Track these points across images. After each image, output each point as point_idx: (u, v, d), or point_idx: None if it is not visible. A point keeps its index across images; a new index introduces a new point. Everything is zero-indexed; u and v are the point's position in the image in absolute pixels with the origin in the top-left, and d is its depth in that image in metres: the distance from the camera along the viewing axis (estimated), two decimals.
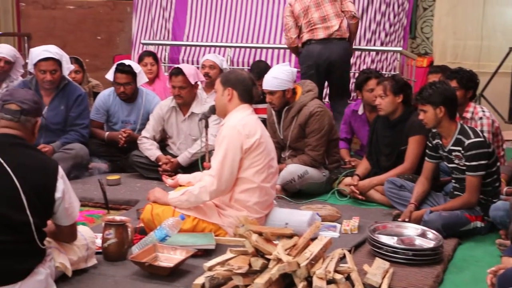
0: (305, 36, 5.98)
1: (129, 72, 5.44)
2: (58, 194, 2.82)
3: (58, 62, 5.17)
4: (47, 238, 2.91)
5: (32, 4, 8.74)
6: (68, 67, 5.32)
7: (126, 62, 5.57)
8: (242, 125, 3.65)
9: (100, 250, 3.35)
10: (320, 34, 5.92)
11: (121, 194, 4.76)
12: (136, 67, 5.54)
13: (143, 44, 7.87)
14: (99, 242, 3.38)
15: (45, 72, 5.13)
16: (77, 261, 3.10)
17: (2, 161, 2.73)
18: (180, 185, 3.99)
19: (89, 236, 3.22)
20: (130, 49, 8.56)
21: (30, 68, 5.28)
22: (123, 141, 5.41)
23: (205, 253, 3.39)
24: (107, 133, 5.59)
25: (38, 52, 5.19)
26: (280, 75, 4.76)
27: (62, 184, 2.84)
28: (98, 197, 4.62)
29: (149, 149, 5.26)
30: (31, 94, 3.02)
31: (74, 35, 8.54)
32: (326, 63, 5.90)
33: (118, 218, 3.50)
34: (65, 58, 5.27)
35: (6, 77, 5.83)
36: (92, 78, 6.74)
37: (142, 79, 5.56)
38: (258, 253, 3.03)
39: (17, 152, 2.81)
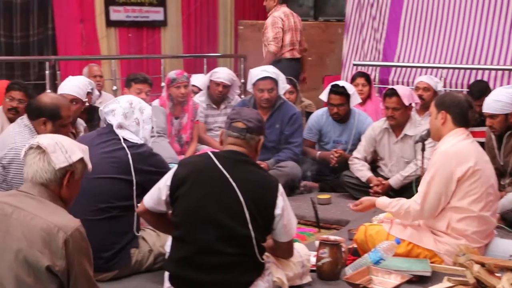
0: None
1: (343, 93, 5.49)
2: (278, 211, 2.89)
3: (275, 81, 5.38)
4: (266, 253, 3.00)
5: (249, 27, 9.18)
6: (283, 87, 5.50)
7: (340, 83, 5.62)
8: (453, 152, 3.50)
9: (314, 268, 3.39)
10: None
11: (331, 214, 4.80)
12: (350, 88, 5.57)
13: (355, 65, 7.90)
14: (313, 260, 3.42)
15: (262, 90, 5.36)
16: (292, 277, 3.16)
17: (228, 176, 2.88)
18: None
19: (304, 254, 3.28)
20: (340, 69, 8.63)
21: (249, 88, 5.54)
22: (335, 161, 5.47)
23: (420, 280, 3.29)
24: (319, 152, 5.68)
25: (257, 72, 5.45)
26: (502, 97, 4.51)
27: (282, 201, 2.92)
28: (309, 215, 4.70)
29: (360, 170, 5.24)
30: (256, 113, 3.14)
31: None
32: None
33: (332, 237, 3.53)
34: (281, 78, 5.46)
35: (225, 99, 6.17)
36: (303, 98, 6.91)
37: (355, 100, 5.59)
38: (480, 284, 2.88)
39: (242, 168, 2.93)
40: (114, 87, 7.44)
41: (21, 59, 8.01)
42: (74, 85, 4.82)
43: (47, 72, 6.91)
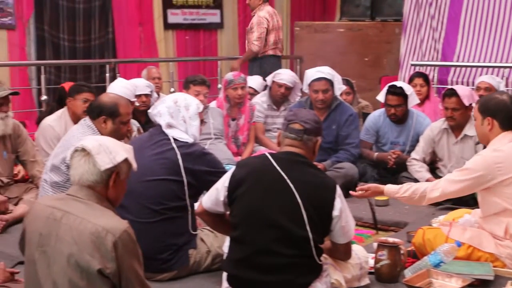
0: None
1: (401, 94, 5.42)
2: (335, 212, 2.88)
3: (330, 82, 5.35)
4: (324, 255, 2.99)
5: (305, 29, 9.16)
6: (339, 88, 5.47)
7: (398, 84, 5.56)
8: (495, 157, 3.38)
9: (372, 270, 3.36)
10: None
11: (389, 215, 4.75)
12: (408, 89, 5.49)
13: (413, 65, 7.80)
14: (371, 262, 3.39)
15: (317, 91, 5.34)
16: (350, 279, 3.14)
17: (286, 177, 2.88)
18: None
19: (362, 255, 3.25)
20: (397, 70, 8.54)
21: (305, 88, 5.53)
22: (392, 162, 5.40)
23: (482, 284, 3.22)
24: (376, 153, 5.62)
25: (312, 73, 5.44)
26: None
27: (340, 203, 2.90)
28: (367, 217, 4.65)
29: (419, 171, 5.16)
30: (313, 114, 3.12)
31: (343, 57, 8.74)
32: None
33: (391, 239, 3.49)
34: (336, 79, 5.42)
35: (285, 101, 6.18)
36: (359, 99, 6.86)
37: (413, 100, 5.51)
38: None
39: (299, 169, 2.93)
40: (172, 89, 7.55)
41: (83, 63, 8.22)
42: (121, 86, 4.92)
43: (107, 74, 7.07)
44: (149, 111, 3.73)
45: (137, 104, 5.24)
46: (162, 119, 3.53)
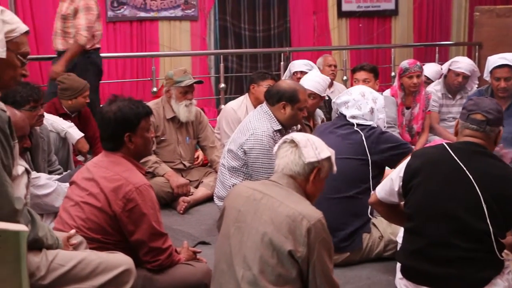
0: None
1: None
2: None
3: None
4: (505, 250, 2.86)
5: (486, 13, 8.71)
6: None
7: None
8: None
9: None
10: None
11: None
12: None
13: None
14: None
15: (499, 79, 5.08)
16: None
17: (464, 168, 2.78)
18: None
19: None
20: None
21: (486, 76, 5.28)
22: None
23: None
24: None
25: (495, 59, 5.17)
26: None
27: None
28: None
29: None
30: (495, 103, 2.98)
31: None
32: None
33: None
34: None
35: (461, 89, 5.95)
36: None
37: None
38: None
39: (480, 160, 2.82)
40: (344, 77, 7.56)
41: (254, 51, 8.53)
42: (314, 81, 4.92)
43: (282, 63, 7.23)
44: (333, 101, 3.91)
45: (326, 98, 5.29)
46: (348, 111, 3.72)
